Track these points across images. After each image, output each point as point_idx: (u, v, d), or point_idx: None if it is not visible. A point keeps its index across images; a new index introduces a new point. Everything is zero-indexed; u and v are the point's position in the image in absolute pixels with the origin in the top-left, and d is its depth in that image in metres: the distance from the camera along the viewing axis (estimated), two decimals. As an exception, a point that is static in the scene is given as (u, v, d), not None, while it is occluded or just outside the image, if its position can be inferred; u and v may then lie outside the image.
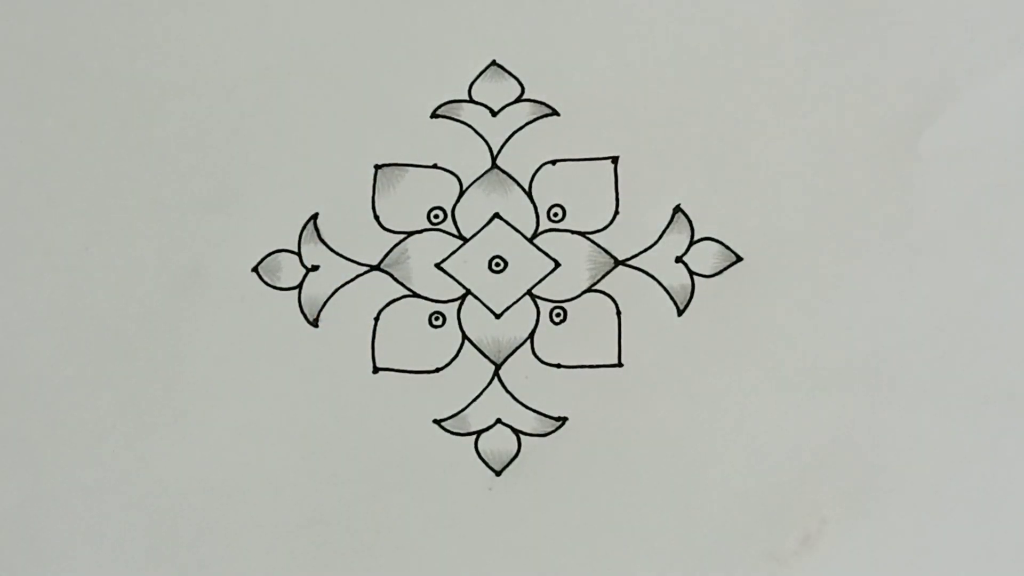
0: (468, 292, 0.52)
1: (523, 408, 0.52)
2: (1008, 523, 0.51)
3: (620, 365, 0.52)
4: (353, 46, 0.53)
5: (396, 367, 0.52)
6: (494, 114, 0.52)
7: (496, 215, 0.52)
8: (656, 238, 0.52)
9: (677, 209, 0.52)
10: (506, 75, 0.53)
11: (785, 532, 0.51)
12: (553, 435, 0.51)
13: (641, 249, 0.52)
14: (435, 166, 0.52)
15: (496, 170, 0.52)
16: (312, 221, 0.52)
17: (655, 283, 0.52)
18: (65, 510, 0.51)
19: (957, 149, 0.52)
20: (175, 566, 0.51)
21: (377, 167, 0.53)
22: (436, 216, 0.52)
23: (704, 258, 0.52)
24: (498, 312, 0.52)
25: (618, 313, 0.52)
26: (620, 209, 0.52)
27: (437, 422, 0.52)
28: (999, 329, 0.51)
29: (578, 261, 0.52)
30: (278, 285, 0.52)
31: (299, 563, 0.51)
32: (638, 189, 0.52)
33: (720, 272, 0.52)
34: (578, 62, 0.52)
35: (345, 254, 0.52)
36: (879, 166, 0.52)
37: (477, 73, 0.53)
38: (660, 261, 0.52)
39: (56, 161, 0.54)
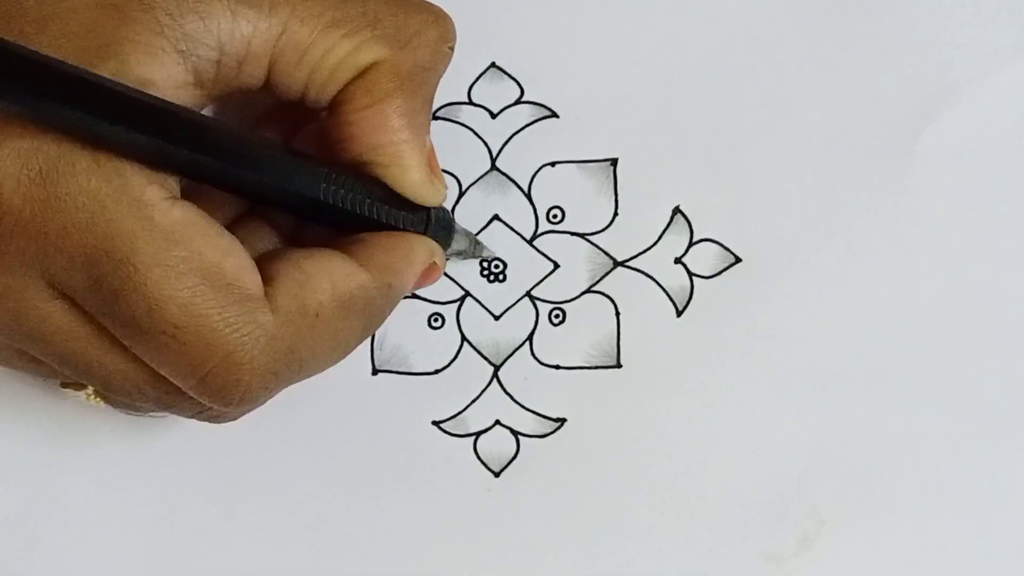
0: (467, 294, 0.52)
1: (522, 409, 0.52)
2: (1008, 524, 0.51)
3: (619, 366, 0.52)
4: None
5: (395, 369, 0.52)
6: (493, 116, 0.53)
7: (495, 217, 0.52)
8: (655, 239, 0.52)
9: (676, 210, 0.52)
10: (505, 77, 0.53)
11: (783, 533, 0.51)
12: (552, 436, 0.52)
13: (640, 250, 0.52)
14: (434, 168, 0.52)
15: (495, 172, 0.53)
16: (312, 223, 0.53)
17: (654, 284, 0.52)
18: (63, 511, 0.52)
19: (957, 149, 0.52)
20: (173, 568, 0.51)
21: (376, 169, 0.53)
22: (435, 218, 0.52)
23: (703, 259, 0.52)
24: (497, 314, 0.52)
25: (617, 314, 0.52)
26: (619, 211, 0.52)
27: (436, 423, 0.52)
28: (999, 329, 0.51)
29: (577, 262, 0.52)
30: (278, 287, 0.52)
31: (297, 565, 0.51)
32: (637, 191, 0.52)
33: (719, 273, 0.52)
34: (577, 64, 0.53)
35: (344, 256, 0.52)
36: (879, 166, 0.52)
37: (476, 75, 0.53)
38: (659, 262, 0.52)
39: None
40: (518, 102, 0.53)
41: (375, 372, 0.52)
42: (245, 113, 0.49)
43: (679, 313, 0.52)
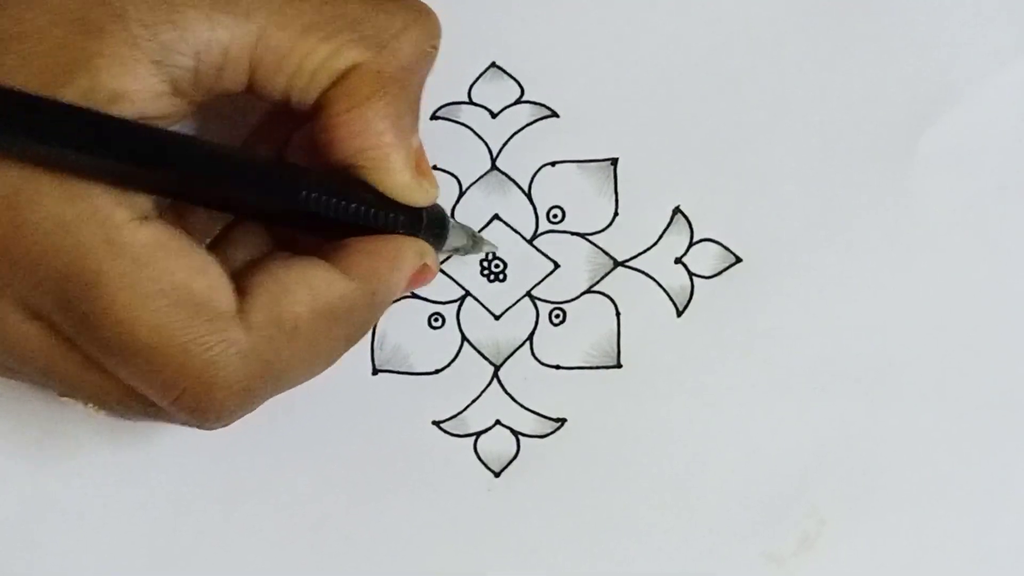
0: (467, 293, 0.52)
1: (522, 409, 0.52)
2: (1008, 524, 0.51)
3: (619, 366, 0.52)
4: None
5: (395, 369, 0.52)
6: (494, 116, 0.53)
7: (495, 216, 0.52)
8: (655, 239, 0.52)
9: (676, 210, 0.52)
10: (506, 77, 0.53)
11: (783, 533, 0.51)
12: (552, 436, 0.52)
13: (640, 250, 0.52)
14: (435, 167, 0.52)
15: (496, 172, 0.53)
16: (312, 223, 0.52)
17: (654, 284, 0.52)
18: (62, 512, 0.51)
19: (957, 150, 0.52)
20: (174, 568, 0.51)
21: (377, 169, 0.52)
22: (435, 218, 0.52)
23: (703, 259, 0.52)
24: (497, 314, 0.52)
25: (617, 314, 0.52)
26: (619, 210, 0.52)
27: (436, 423, 0.52)
28: (999, 330, 0.51)
29: (577, 262, 0.52)
30: (278, 287, 0.52)
31: (298, 565, 0.51)
32: (637, 190, 0.52)
33: (720, 273, 0.52)
34: (578, 64, 0.53)
35: (345, 256, 0.52)
36: (879, 166, 0.52)
37: (477, 75, 0.53)
38: (659, 262, 0.52)
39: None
40: (518, 102, 0.53)
41: (375, 372, 0.52)
42: (239, 117, 0.49)
43: (679, 313, 0.52)
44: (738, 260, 0.52)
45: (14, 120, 0.40)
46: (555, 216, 0.52)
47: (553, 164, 0.53)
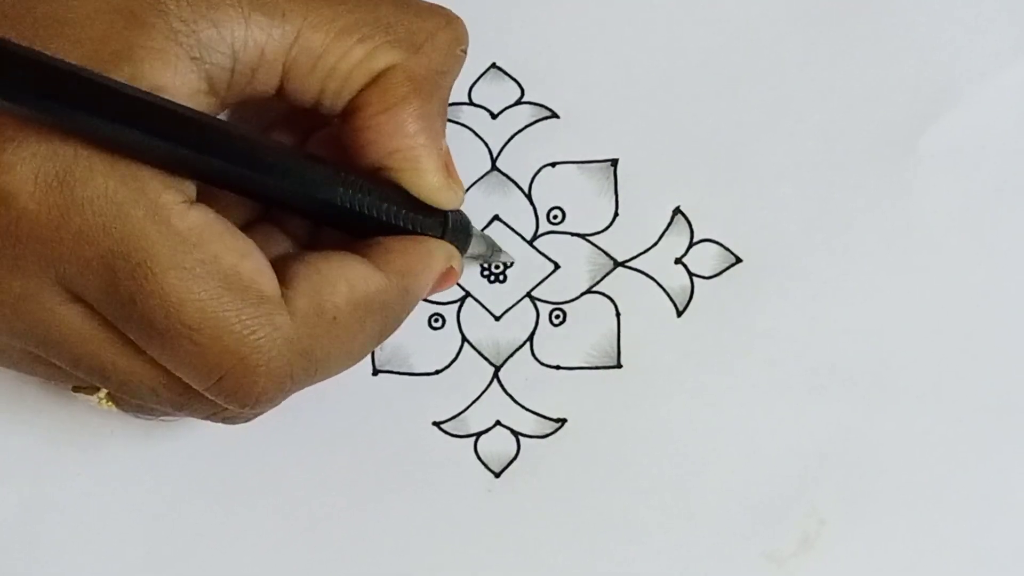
0: (468, 294, 0.52)
1: (522, 410, 0.52)
2: (1007, 524, 0.51)
3: (619, 366, 0.52)
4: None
5: (395, 369, 0.52)
6: (494, 116, 0.53)
7: (496, 217, 0.52)
8: (655, 240, 0.52)
9: (677, 211, 0.52)
10: (506, 78, 0.53)
11: (783, 533, 0.51)
12: (552, 436, 0.52)
13: (641, 251, 0.52)
14: (435, 168, 0.52)
15: (496, 172, 0.53)
16: (312, 223, 0.52)
17: (655, 284, 0.52)
18: (63, 511, 0.52)
19: (957, 150, 0.52)
20: (173, 568, 0.51)
21: (377, 170, 0.53)
22: (435, 218, 0.52)
23: (704, 259, 0.52)
24: (498, 314, 0.52)
25: (617, 315, 0.52)
26: (620, 211, 0.52)
27: (436, 424, 0.52)
28: (999, 330, 0.51)
29: (578, 263, 0.52)
30: (279, 287, 0.52)
31: (297, 565, 0.51)
32: (638, 191, 0.52)
33: (720, 273, 0.52)
34: (578, 65, 0.53)
35: (345, 256, 0.52)
36: (879, 166, 0.52)
37: (477, 76, 0.53)
38: (659, 263, 0.52)
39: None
40: (518, 102, 0.53)
41: (375, 372, 0.52)
42: (258, 120, 0.49)
43: (679, 313, 0.52)
44: (738, 260, 0.52)
45: (73, 94, 0.41)
46: (555, 217, 0.52)
47: (553, 165, 0.53)
